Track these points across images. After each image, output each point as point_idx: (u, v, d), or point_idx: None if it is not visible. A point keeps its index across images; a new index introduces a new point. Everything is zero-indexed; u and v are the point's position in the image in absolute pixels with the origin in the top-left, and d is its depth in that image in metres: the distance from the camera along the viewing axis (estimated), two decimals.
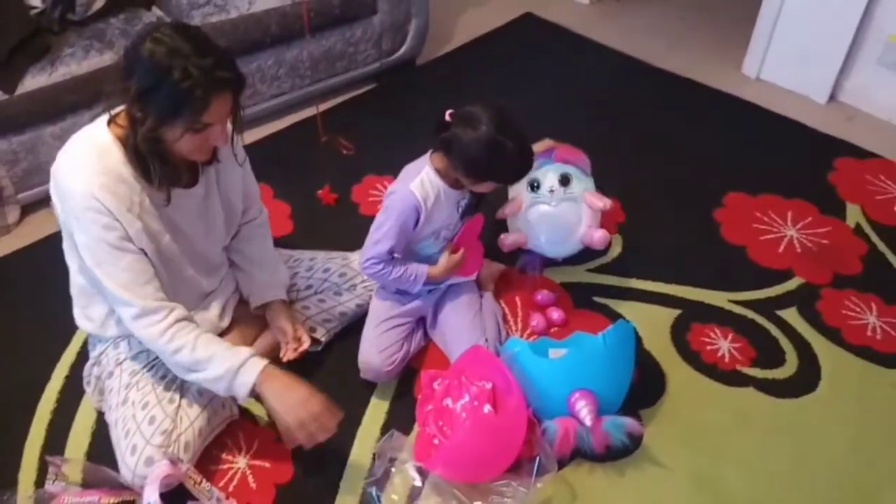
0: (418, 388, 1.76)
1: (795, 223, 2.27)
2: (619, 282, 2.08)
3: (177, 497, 1.48)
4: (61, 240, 1.51)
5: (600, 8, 3.45)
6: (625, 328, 1.73)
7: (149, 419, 1.50)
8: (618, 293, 2.04)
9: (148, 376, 1.57)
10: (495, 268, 2.04)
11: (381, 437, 1.66)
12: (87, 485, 1.54)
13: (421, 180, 1.67)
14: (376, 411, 1.74)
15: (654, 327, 1.94)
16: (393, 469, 1.58)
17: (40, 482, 1.57)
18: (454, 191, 1.71)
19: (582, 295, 2.03)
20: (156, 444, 1.47)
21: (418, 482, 1.54)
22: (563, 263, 2.09)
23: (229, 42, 2.38)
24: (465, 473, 1.54)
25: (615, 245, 2.19)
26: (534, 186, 1.97)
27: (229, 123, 1.42)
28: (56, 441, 1.67)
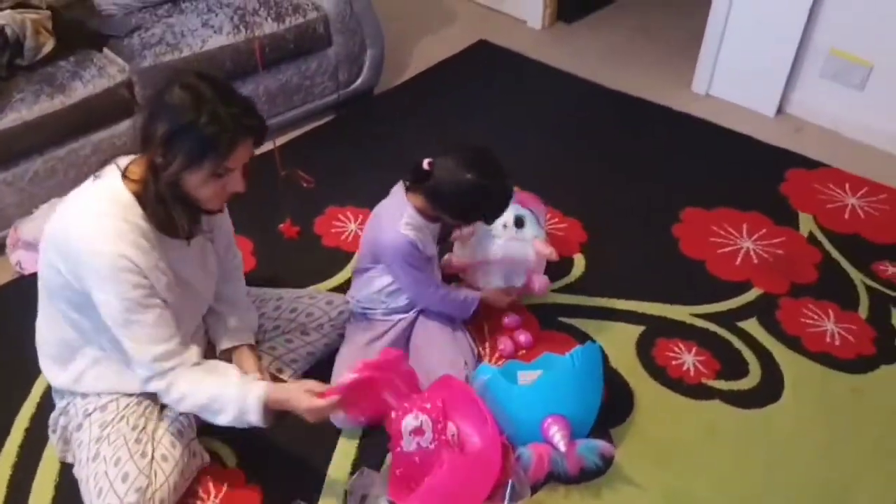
0: (388, 424, 1.75)
1: (751, 235, 2.32)
2: (584, 301, 2.10)
3: None
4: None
5: (552, 33, 3.52)
6: (592, 349, 1.75)
7: (122, 476, 1.45)
8: (583, 312, 2.06)
9: (119, 428, 1.52)
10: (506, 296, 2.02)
11: (352, 474, 1.65)
12: None
13: (406, 222, 1.70)
14: (346, 448, 1.72)
15: (619, 344, 1.97)
16: None
17: None
18: (433, 224, 1.77)
19: (548, 316, 2.04)
20: (130, 502, 1.43)
21: None
22: None
23: None
24: None
25: (578, 264, 2.22)
26: None
27: None
28: (18, 498, 1.62)
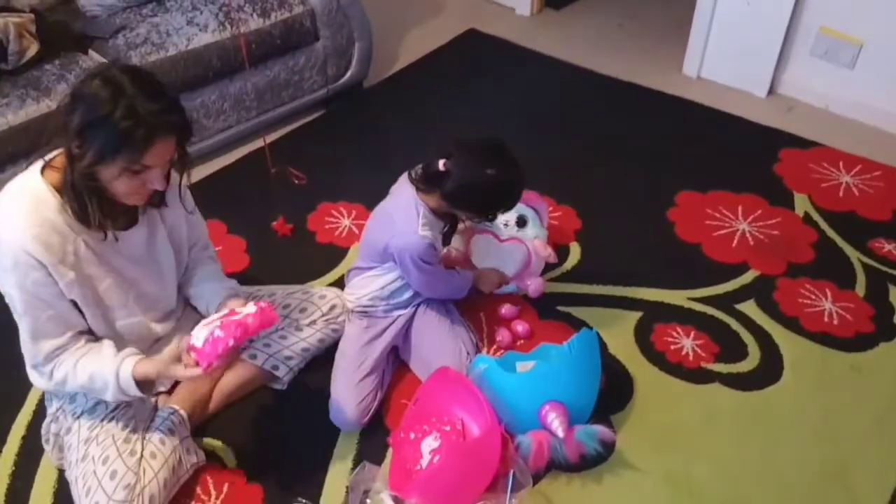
0: (388, 418, 1.75)
1: (746, 217, 2.31)
2: (581, 289, 2.09)
3: None
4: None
5: (541, 20, 3.50)
6: (589, 336, 1.74)
7: (110, 474, 1.45)
8: (579, 300, 2.05)
9: (108, 429, 1.52)
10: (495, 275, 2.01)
11: (353, 469, 1.64)
12: None
13: (422, 223, 1.68)
14: (346, 444, 1.71)
15: (617, 331, 1.96)
16: (368, 500, 1.55)
17: None
18: (443, 221, 1.77)
19: (545, 305, 2.03)
20: (119, 499, 1.42)
21: None
22: None
23: (171, 80, 2.35)
24: (443, 500, 1.52)
25: (574, 252, 2.21)
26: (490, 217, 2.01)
27: (174, 171, 1.40)
28: None
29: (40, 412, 1.75)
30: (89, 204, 1.33)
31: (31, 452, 1.70)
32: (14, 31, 2.19)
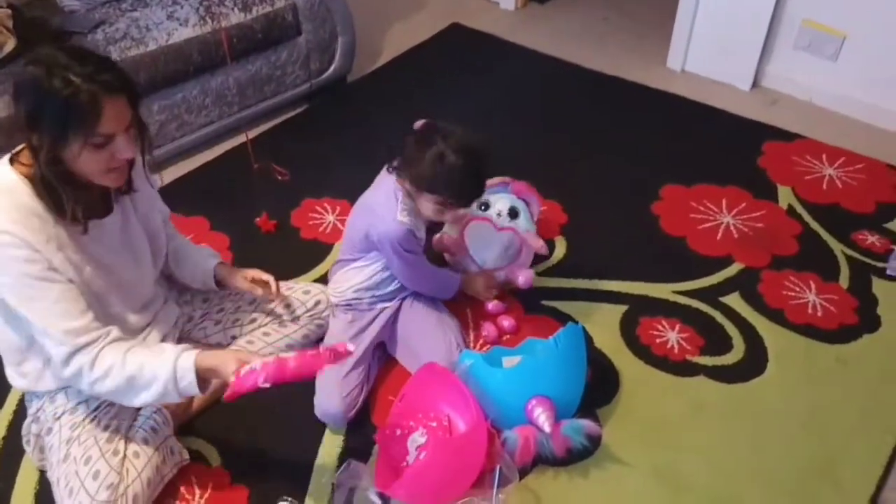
0: (374, 414, 1.74)
1: (731, 210, 2.32)
2: (566, 283, 2.09)
3: None
4: None
5: (525, 14, 3.49)
6: (574, 330, 1.73)
7: (93, 474, 1.43)
8: (565, 294, 2.05)
9: (89, 429, 1.50)
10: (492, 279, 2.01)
11: (339, 467, 1.63)
12: None
13: (401, 209, 1.67)
14: (331, 442, 1.70)
15: (603, 325, 1.96)
16: (354, 498, 1.54)
17: None
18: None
19: (531, 300, 2.03)
20: (102, 499, 1.40)
21: None
22: None
23: (151, 75, 2.33)
24: (429, 497, 1.52)
25: (559, 246, 2.20)
26: (483, 206, 2.03)
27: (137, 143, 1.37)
28: None
29: (21, 412, 1.72)
30: (63, 194, 1.30)
31: (11, 453, 1.68)
32: None
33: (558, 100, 2.90)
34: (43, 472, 1.61)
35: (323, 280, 2.03)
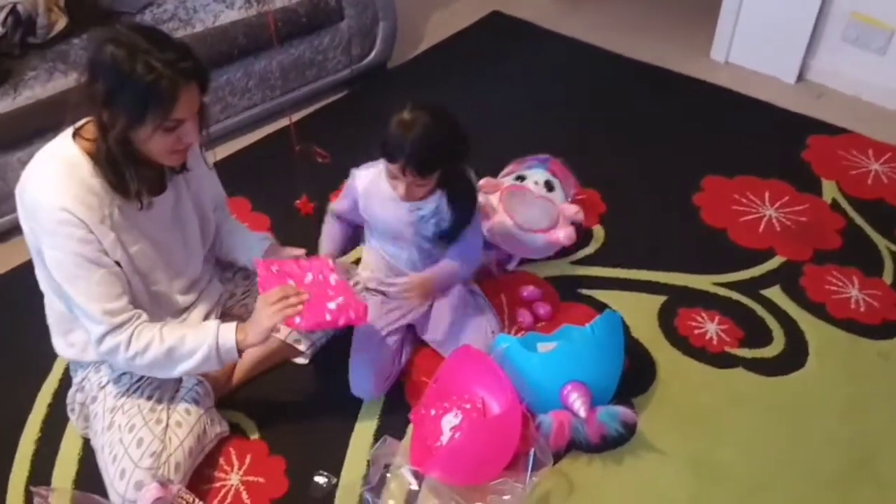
0: (409, 393, 1.75)
1: (773, 203, 2.28)
2: (604, 272, 2.08)
3: None
4: (34, 267, 1.48)
5: (567, 2, 3.46)
6: (612, 318, 1.73)
7: (136, 442, 1.47)
8: (603, 284, 2.04)
9: (133, 398, 1.54)
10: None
11: (375, 443, 1.65)
12: None
13: (377, 170, 1.70)
14: (367, 419, 1.72)
15: (640, 315, 1.94)
16: (388, 474, 1.56)
17: None
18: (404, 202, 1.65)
19: (567, 288, 2.02)
20: (145, 466, 1.44)
21: (415, 486, 1.53)
22: (546, 258, 2.09)
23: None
24: (463, 476, 1.53)
25: (598, 235, 2.19)
26: (520, 178, 2.04)
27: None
28: (42, 471, 1.64)
29: (66, 381, 1.77)
30: (127, 172, 1.34)
31: (56, 422, 1.73)
32: (43, 6, 2.21)
33: (599, 89, 2.87)
34: (87, 440, 1.66)
35: (359, 263, 2.05)
